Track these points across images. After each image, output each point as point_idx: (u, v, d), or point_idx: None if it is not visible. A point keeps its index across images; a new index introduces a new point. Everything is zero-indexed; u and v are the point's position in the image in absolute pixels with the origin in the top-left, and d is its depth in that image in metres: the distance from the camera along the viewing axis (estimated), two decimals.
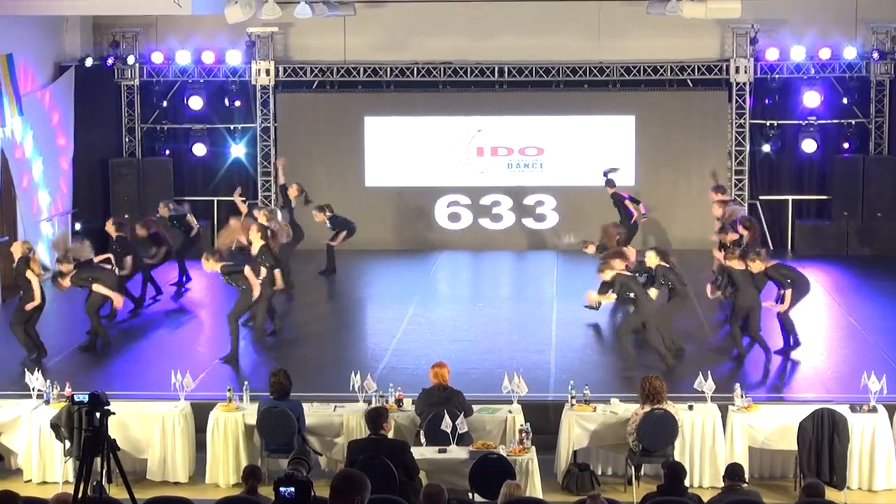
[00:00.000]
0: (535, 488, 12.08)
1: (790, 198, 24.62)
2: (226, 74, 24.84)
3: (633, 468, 12.72)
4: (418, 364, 15.65)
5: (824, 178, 24.54)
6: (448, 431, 12.19)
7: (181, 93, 24.93)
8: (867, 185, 23.82)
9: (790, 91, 24.28)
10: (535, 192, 24.59)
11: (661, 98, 24.40)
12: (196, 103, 24.68)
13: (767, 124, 24.45)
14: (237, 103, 25.00)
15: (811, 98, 23.93)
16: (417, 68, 24.59)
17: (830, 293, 19.84)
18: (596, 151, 24.41)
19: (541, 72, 24.43)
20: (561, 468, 13.01)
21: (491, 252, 24.35)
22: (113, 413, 8.95)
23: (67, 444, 12.87)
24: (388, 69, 24.60)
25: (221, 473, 13.12)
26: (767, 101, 24.39)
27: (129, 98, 25.16)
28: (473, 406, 12.99)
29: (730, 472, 11.04)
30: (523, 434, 12.30)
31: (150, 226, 20.08)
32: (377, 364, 16.00)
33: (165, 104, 25.12)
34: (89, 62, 24.08)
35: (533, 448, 12.24)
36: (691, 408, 13.03)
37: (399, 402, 13.28)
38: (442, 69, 24.59)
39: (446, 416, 12.22)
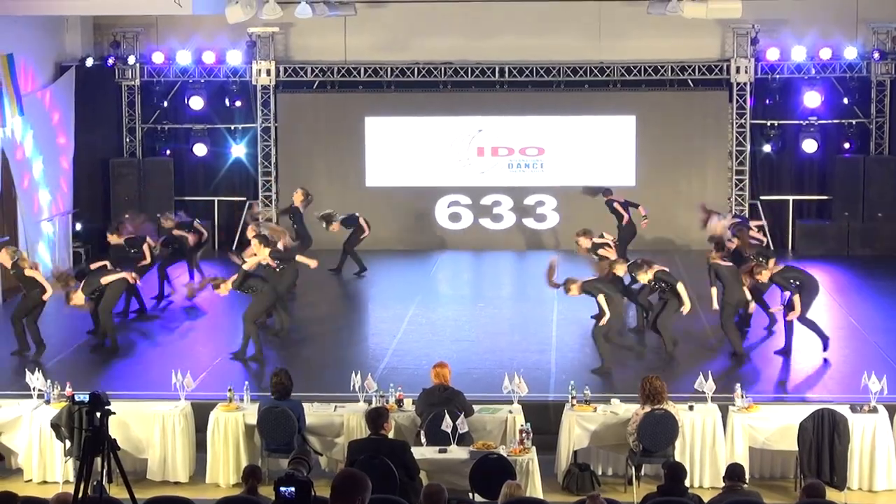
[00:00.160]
0: (536, 488, 12.07)
1: (791, 198, 24.63)
2: (226, 74, 24.84)
3: (634, 468, 12.71)
4: (419, 364, 15.66)
5: (825, 179, 24.54)
6: (448, 431, 12.19)
7: (182, 93, 24.93)
8: (868, 186, 23.83)
9: (791, 91, 24.29)
10: (536, 193, 24.60)
11: (662, 98, 24.40)
12: (197, 103, 24.69)
13: (768, 124, 24.45)
14: (238, 103, 25.00)
15: (812, 98, 23.93)
16: (418, 68, 24.59)
17: (831, 293, 19.81)
18: (596, 151, 24.44)
19: (541, 72, 24.44)
20: (561, 468, 13.00)
21: (491, 252, 24.36)
22: (113, 413, 8.94)
23: (68, 444, 12.87)
24: (389, 69, 24.61)
25: (222, 473, 13.11)
26: (768, 101, 24.39)
27: (130, 98, 25.17)
28: (474, 406, 12.98)
29: (730, 473, 11.03)
30: (524, 434, 12.30)
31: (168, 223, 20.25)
32: (378, 364, 16.00)
33: (166, 104, 25.13)
34: (90, 62, 24.09)
35: (533, 448, 12.23)
36: (692, 408, 13.02)
37: (399, 403, 13.28)
38: (442, 69, 24.60)
39: (447, 417, 12.21)
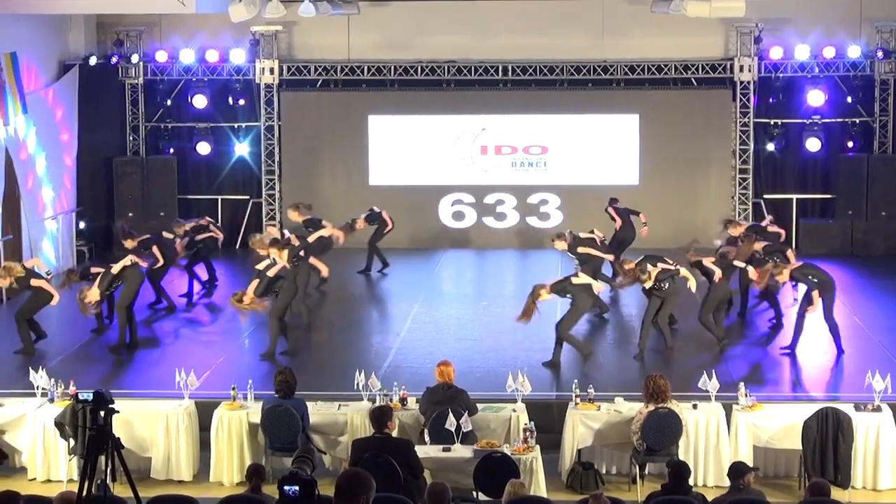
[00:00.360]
0: (540, 487, 12.07)
1: (794, 196, 24.61)
2: (230, 73, 24.85)
3: (638, 467, 12.71)
4: (422, 363, 15.66)
5: (828, 177, 24.53)
6: (452, 430, 12.19)
7: (185, 91, 24.95)
8: (871, 184, 23.82)
9: (794, 90, 24.27)
10: (539, 191, 24.60)
11: (665, 97, 24.40)
12: (200, 102, 24.70)
13: (771, 123, 24.44)
14: (241, 102, 25.02)
15: (815, 97, 23.92)
16: (421, 67, 24.59)
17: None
18: (600, 150, 24.44)
19: (545, 70, 24.43)
20: (565, 467, 13.00)
21: (495, 251, 24.36)
22: (117, 411, 8.95)
23: (72, 443, 12.87)
24: (392, 68, 24.61)
25: (225, 472, 13.11)
26: (771, 100, 24.37)
27: (134, 96, 25.18)
28: (478, 404, 12.99)
29: (734, 472, 11.02)
30: (527, 433, 12.30)
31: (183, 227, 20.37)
32: (381, 363, 16.00)
33: (169, 103, 25.14)
34: (93, 61, 24.12)
35: (537, 447, 12.23)
36: (695, 407, 13.02)
37: (403, 401, 13.28)
38: (446, 68, 24.59)
39: (450, 415, 12.21)
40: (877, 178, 23.82)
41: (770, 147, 24.50)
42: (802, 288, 16.62)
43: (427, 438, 12.49)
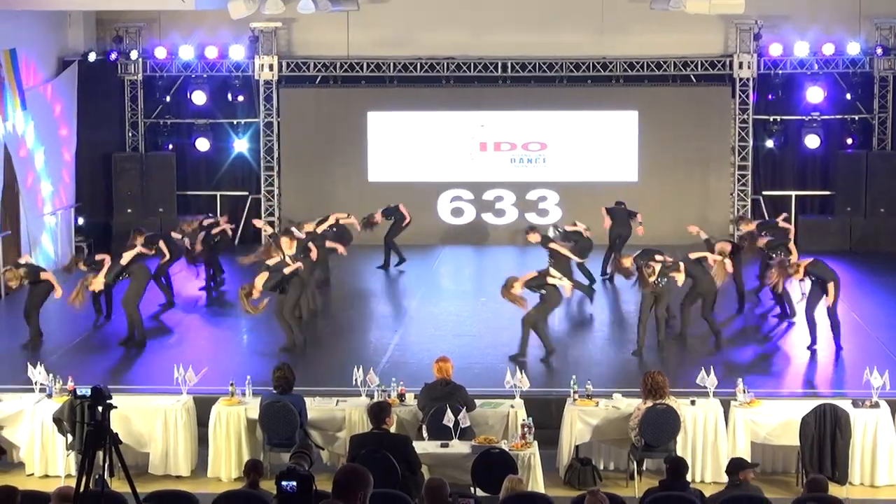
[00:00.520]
0: (537, 483, 12.07)
1: (793, 193, 24.59)
2: (229, 69, 24.83)
3: (636, 463, 12.72)
4: (421, 359, 15.68)
5: (827, 174, 24.52)
6: (450, 426, 12.19)
7: (184, 88, 24.92)
8: (870, 181, 23.83)
9: (793, 86, 24.26)
10: (538, 188, 24.59)
11: (665, 93, 24.39)
12: (199, 98, 24.68)
13: (771, 120, 24.44)
14: (240, 98, 25.00)
15: (814, 94, 23.91)
16: (420, 64, 24.57)
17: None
18: (599, 147, 24.44)
19: (544, 67, 24.42)
20: (563, 463, 13.01)
21: (493, 247, 24.35)
22: (115, 407, 8.94)
23: (70, 438, 12.88)
24: (392, 64, 24.59)
25: (223, 467, 13.12)
26: (771, 97, 24.37)
27: (133, 93, 25.16)
28: (476, 400, 13.00)
29: (732, 467, 11.02)
30: (525, 429, 12.30)
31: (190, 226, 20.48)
32: (380, 358, 16.01)
33: (168, 99, 25.12)
34: (93, 57, 24.11)
35: (535, 443, 12.23)
36: (693, 403, 13.02)
37: (401, 397, 13.29)
38: (445, 64, 24.58)
39: (449, 411, 12.22)
40: (876, 175, 23.83)
41: (769, 144, 24.49)
42: (807, 284, 16.61)
43: (425, 434, 12.49)
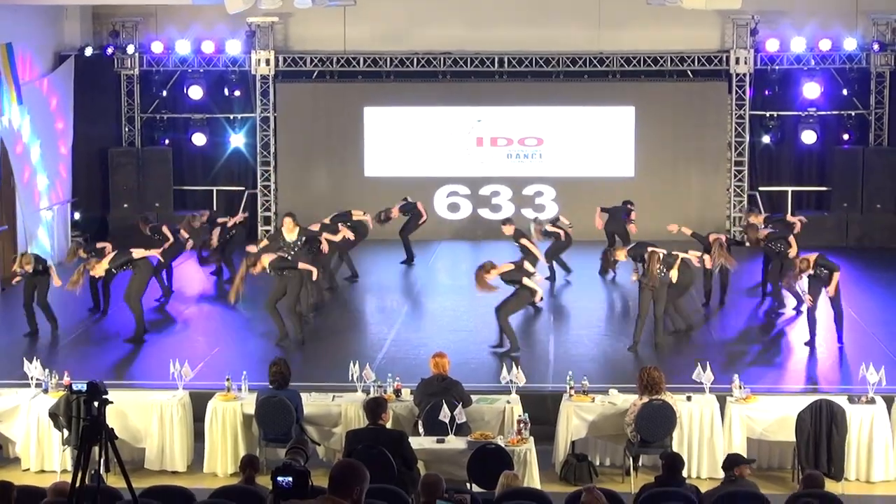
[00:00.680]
0: (533, 479, 12.08)
1: (790, 189, 24.62)
2: (225, 64, 24.81)
3: (632, 459, 12.72)
4: (417, 354, 15.68)
5: (824, 170, 24.55)
6: (446, 421, 12.19)
7: (181, 82, 24.91)
8: (867, 177, 23.85)
9: (790, 82, 24.28)
10: (535, 183, 24.59)
11: (661, 89, 24.40)
12: (196, 93, 24.67)
13: (767, 115, 24.45)
14: (237, 93, 25.00)
15: (811, 89, 23.93)
16: (417, 58, 24.56)
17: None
18: (595, 142, 24.44)
19: (541, 62, 24.41)
20: (559, 459, 13.01)
21: (490, 242, 24.30)
22: (111, 402, 8.93)
23: (66, 433, 12.88)
24: (388, 59, 24.58)
25: (219, 463, 13.12)
26: (767, 92, 24.38)
27: (129, 87, 25.14)
28: (472, 396, 12.99)
29: (728, 463, 11.02)
30: (521, 424, 12.31)
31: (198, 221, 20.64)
32: (376, 354, 16.01)
33: (165, 94, 25.11)
34: (89, 51, 24.07)
35: (531, 438, 12.25)
36: (689, 398, 13.03)
37: (398, 392, 13.29)
38: (442, 59, 24.57)
39: (445, 407, 12.22)
40: (872, 171, 23.85)
41: (766, 139, 24.50)
42: (805, 281, 16.61)
43: (421, 430, 12.50)
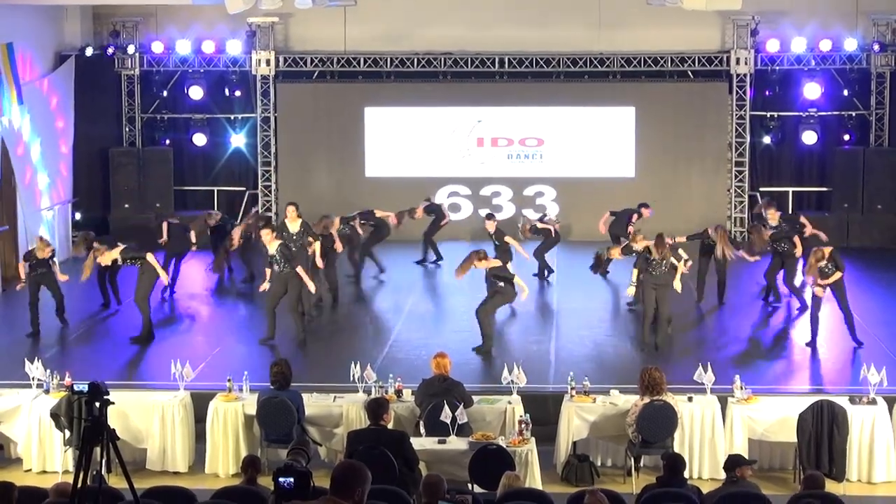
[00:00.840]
0: (535, 479, 12.08)
1: (790, 189, 24.62)
2: (226, 64, 24.81)
3: (633, 459, 12.72)
4: (418, 354, 15.68)
5: (825, 170, 24.55)
6: (448, 422, 12.19)
7: (181, 82, 24.92)
8: (867, 177, 23.85)
9: (791, 82, 24.28)
10: (535, 183, 24.59)
11: (662, 89, 24.40)
12: (196, 93, 24.67)
13: (768, 116, 24.46)
14: (237, 93, 25.01)
15: (812, 90, 23.93)
16: (418, 59, 24.56)
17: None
18: (596, 143, 24.44)
19: (541, 63, 24.41)
20: (560, 459, 13.01)
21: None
22: (112, 403, 8.93)
23: (67, 434, 12.87)
24: (389, 59, 24.58)
25: (221, 463, 13.12)
26: (768, 93, 24.39)
27: (130, 87, 25.15)
28: (473, 397, 12.99)
29: (729, 464, 11.02)
30: (523, 425, 12.30)
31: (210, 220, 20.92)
32: (377, 354, 16.00)
33: (165, 94, 25.12)
34: (89, 51, 24.07)
35: (532, 439, 12.24)
36: (691, 399, 13.03)
37: (399, 393, 13.28)
38: (442, 60, 24.57)
39: (446, 407, 12.22)
40: (872, 171, 23.85)
41: (766, 140, 24.51)
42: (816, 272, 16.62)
43: (422, 430, 12.50)
